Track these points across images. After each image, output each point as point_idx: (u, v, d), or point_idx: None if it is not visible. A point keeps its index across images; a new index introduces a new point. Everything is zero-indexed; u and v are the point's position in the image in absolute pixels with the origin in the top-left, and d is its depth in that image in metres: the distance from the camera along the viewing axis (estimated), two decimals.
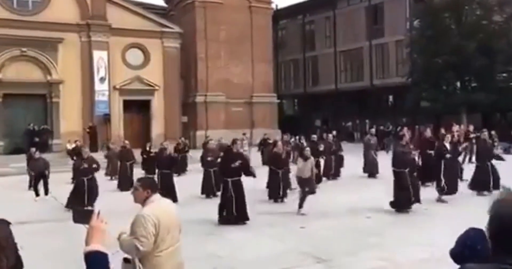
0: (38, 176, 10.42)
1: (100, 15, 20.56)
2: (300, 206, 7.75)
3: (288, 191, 9.39)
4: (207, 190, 9.98)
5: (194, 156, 15.19)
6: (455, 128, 17.67)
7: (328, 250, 5.57)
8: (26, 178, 12.12)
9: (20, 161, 14.02)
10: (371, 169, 12.10)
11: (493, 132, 16.28)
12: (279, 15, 30.97)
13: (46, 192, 10.29)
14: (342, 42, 29.30)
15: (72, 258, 5.05)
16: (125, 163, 12.00)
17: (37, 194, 10.29)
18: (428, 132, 12.62)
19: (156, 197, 2.96)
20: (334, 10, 29.81)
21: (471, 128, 16.28)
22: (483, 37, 20.18)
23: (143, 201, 2.93)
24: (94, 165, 8.97)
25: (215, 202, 9.23)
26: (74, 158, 12.28)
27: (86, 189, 8.68)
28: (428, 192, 8.70)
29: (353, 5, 29.02)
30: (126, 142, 13.40)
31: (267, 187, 9.47)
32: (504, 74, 21.47)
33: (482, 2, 20.81)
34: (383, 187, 10.27)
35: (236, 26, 23.94)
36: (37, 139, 18.19)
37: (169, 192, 8.91)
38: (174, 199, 8.94)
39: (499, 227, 1.19)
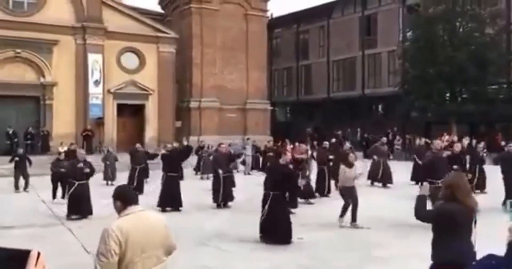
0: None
1: (96, 18, 20.52)
2: (341, 215, 7.34)
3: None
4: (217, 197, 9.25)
5: (193, 161, 15.22)
6: (445, 137, 18.11)
7: (328, 264, 5.21)
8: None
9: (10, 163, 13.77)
10: (376, 176, 12.11)
11: (480, 144, 16.61)
12: (274, 24, 31.33)
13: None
14: (336, 52, 29.69)
15: (56, 266, 4.98)
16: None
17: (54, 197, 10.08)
18: (384, 140, 13.71)
19: (134, 209, 2.58)
20: (328, 20, 30.26)
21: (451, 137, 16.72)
22: (475, 49, 20.57)
23: (119, 213, 2.60)
24: (87, 170, 8.23)
25: (210, 210, 8.80)
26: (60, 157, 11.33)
27: (81, 196, 7.91)
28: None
29: (347, 15, 29.49)
30: (106, 148, 13.60)
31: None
32: (494, 86, 21.88)
33: (474, 15, 21.18)
34: (383, 196, 10.07)
35: (231, 33, 24.15)
36: (29, 141, 18.15)
37: (174, 199, 8.64)
38: (178, 206, 8.67)
39: None
